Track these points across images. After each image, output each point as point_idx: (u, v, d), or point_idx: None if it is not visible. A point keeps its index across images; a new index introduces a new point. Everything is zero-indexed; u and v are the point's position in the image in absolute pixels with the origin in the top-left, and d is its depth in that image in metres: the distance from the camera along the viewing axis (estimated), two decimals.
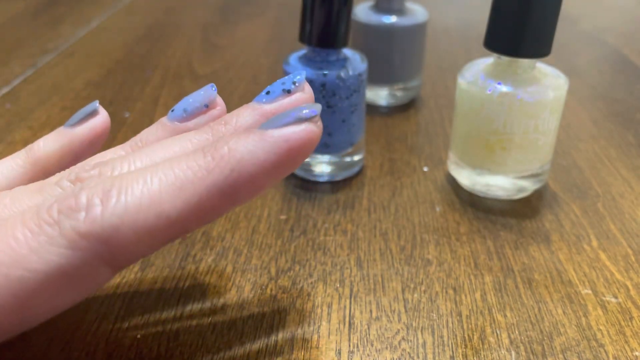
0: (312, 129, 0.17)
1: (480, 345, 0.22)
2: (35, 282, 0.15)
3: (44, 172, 0.22)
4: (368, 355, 0.21)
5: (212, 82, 0.25)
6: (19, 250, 0.15)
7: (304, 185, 0.32)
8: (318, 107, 0.17)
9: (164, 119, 0.21)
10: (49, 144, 0.22)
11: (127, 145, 0.21)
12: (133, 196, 0.15)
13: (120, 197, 0.15)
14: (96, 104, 0.23)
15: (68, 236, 0.15)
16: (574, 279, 0.25)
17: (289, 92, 0.19)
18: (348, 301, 0.24)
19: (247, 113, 0.19)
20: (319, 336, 0.22)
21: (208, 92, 0.22)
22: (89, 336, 0.22)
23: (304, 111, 0.17)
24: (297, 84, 0.20)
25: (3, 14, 0.62)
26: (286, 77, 0.20)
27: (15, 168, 0.21)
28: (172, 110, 0.21)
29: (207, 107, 0.21)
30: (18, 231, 0.15)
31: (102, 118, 0.23)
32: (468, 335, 0.22)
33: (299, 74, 0.20)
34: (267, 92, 0.20)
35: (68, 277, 0.15)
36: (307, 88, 0.20)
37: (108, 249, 0.15)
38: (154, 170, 0.16)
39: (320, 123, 0.17)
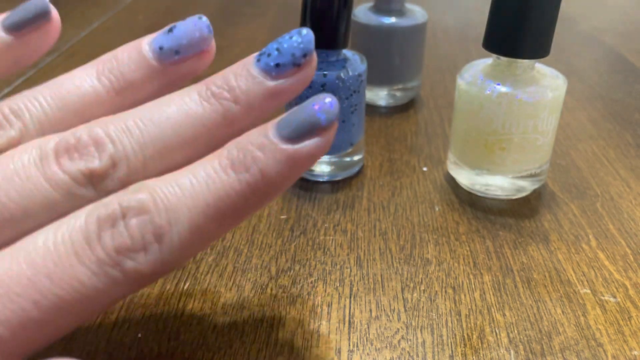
0: (330, 138, 0.17)
1: (480, 345, 0.22)
2: (90, 313, 0.15)
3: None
4: (368, 354, 0.21)
5: None
6: (85, 292, 0.15)
7: (304, 185, 0.32)
8: (336, 108, 0.17)
9: (146, 51, 0.19)
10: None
11: (102, 77, 0.19)
12: (182, 226, 0.16)
13: (172, 232, 0.16)
14: (45, 1, 0.20)
15: (132, 277, 0.15)
16: (572, 279, 0.25)
17: (299, 66, 0.18)
18: (348, 300, 0.24)
19: (257, 90, 0.18)
20: (318, 335, 0.22)
21: (202, 31, 0.19)
22: (89, 335, 0.22)
23: (323, 118, 0.17)
24: (307, 57, 0.18)
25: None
26: (294, 41, 0.18)
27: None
28: (161, 48, 0.19)
29: (202, 50, 0.19)
30: (80, 272, 0.15)
31: (54, 25, 0.20)
32: (467, 335, 0.22)
33: (308, 40, 0.18)
34: (277, 65, 0.18)
35: (117, 301, 0.16)
36: (314, 61, 0.18)
37: (158, 278, 0.16)
38: (193, 193, 0.16)
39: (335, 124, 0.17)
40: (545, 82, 0.28)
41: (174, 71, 0.19)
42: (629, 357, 0.21)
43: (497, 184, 0.30)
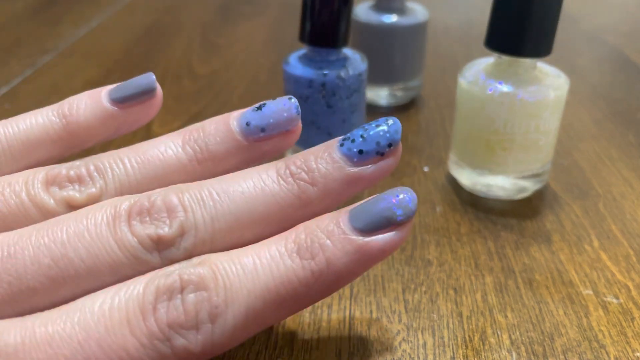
0: (405, 236, 0.17)
1: (481, 346, 0.22)
2: None
3: (77, 145, 0.20)
4: (368, 356, 0.21)
5: (211, 82, 0.25)
6: None
7: None
8: (415, 205, 0.17)
9: (233, 125, 0.19)
10: (88, 116, 0.20)
11: (187, 146, 0.19)
12: (239, 309, 0.15)
13: (228, 314, 0.15)
14: (152, 78, 0.20)
15: (180, 355, 0.15)
16: (575, 280, 0.25)
17: (382, 155, 0.18)
18: (348, 302, 0.24)
19: (337, 175, 0.18)
20: (318, 337, 0.22)
21: (291, 111, 0.19)
22: None
23: (400, 213, 0.16)
24: (392, 147, 0.18)
25: (2, 13, 0.62)
26: (381, 130, 0.18)
27: (48, 132, 0.20)
28: (247, 125, 0.19)
29: (288, 130, 0.19)
30: (129, 343, 0.15)
31: (157, 101, 0.21)
32: (469, 336, 0.22)
33: (395, 129, 0.18)
34: (360, 152, 0.18)
35: None
36: (399, 151, 0.18)
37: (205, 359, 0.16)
38: (255, 276, 0.16)
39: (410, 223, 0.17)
40: (547, 82, 0.28)
41: (257, 147, 0.19)
42: (632, 359, 0.21)
43: (499, 184, 0.30)
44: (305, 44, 0.30)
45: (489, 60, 0.30)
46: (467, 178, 0.31)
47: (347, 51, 0.31)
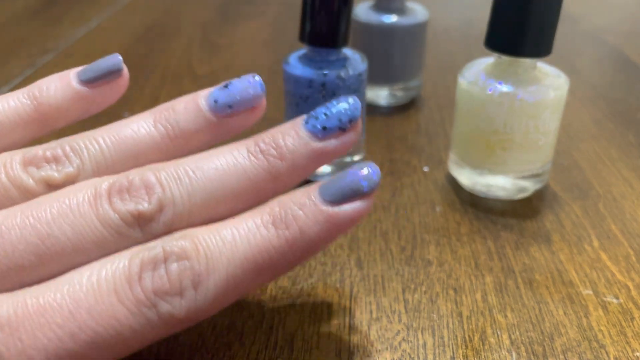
0: (370, 205, 0.18)
1: (481, 346, 0.22)
2: (121, 352, 0.16)
3: (50, 125, 0.21)
4: (368, 356, 0.21)
5: (212, 82, 0.25)
6: (121, 330, 0.15)
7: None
8: (379, 177, 0.18)
9: (202, 103, 0.20)
10: (58, 97, 0.21)
11: (159, 124, 0.20)
12: (220, 276, 0.16)
13: (209, 281, 0.16)
14: (119, 58, 0.22)
15: (166, 320, 0.16)
16: (575, 280, 0.25)
17: (344, 130, 0.19)
18: (348, 302, 0.24)
19: (303, 150, 0.19)
20: (318, 337, 0.22)
21: (256, 88, 0.21)
22: None
23: (365, 185, 0.18)
24: (352, 122, 0.19)
25: (2, 13, 0.62)
26: (342, 107, 0.19)
27: (20, 114, 0.21)
28: (215, 102, 0.20)
29: (254, 107, 0.21)
30: (118, 310, 0.15)
31: (124, 81, 0.22)
32: (469, 336, 0.22)
33: (355, 107, 0.19)
34: (324, 128, 0.19)
35: (149, 342, 0.17)
36: (359, 127, 0.20)
37: (189, 325, 0.17)
38: (234, 246, 0.17)
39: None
40: (547, 82, 0.28)
41: (226, 124, 0.21)
42: (632, 359, 0.21)
43: (499, 184, 0.30)
44: (305, 44, 0.30)
45: (489, 60, 0.30)
46: (467, 178, 0.31)
47: (347, 51, 0.31)
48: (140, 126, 0.20)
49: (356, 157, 0.32)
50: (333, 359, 0.21)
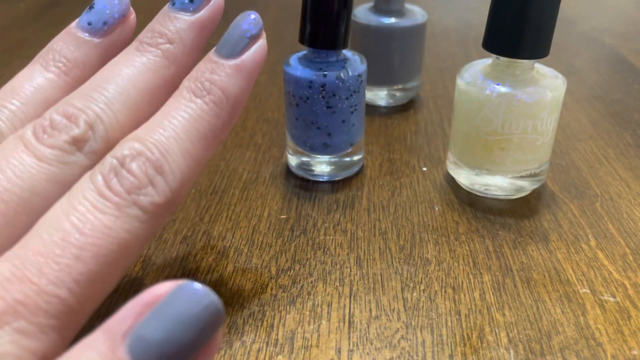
0: (264, 43, 0.20)
1: (479, 344, 0.22)
2: (128, 257, 0.16)
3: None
4: (367, 353, 0.22)
5: None
6: (116, 235, 0.16)
7: (304, 185, 0.32)
8: (259, 19, 0.20)
9: (77, 31, 0.21)
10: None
11: (50, 67, 0.21)
12: (176, 155, 0.18)
13: (169, 163, 0.17)
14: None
15: (150, 210, 0.17)
16: (572, 278, 0.25)
17: None
18: (348, 300, 0.24)
19: (184, 25, 0.21)
20: (318, 335, 0.22)
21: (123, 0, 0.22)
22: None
23: (252, 28, 0.20)
24: None
25: (5, 15, 0.62)
26: None
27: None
28: (89, 24, 0.21)
29: (125, 16, 0.22)
30: (104, 219, 0.16)
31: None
32: (467, 334, 0.22)
33: None
34: (191, 1, 0.21)
35: (147, 241, 0.17)
36: None
37: (173, 208, 0.18)
38: (173, 127, 0.18)
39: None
40: (545, 82, 0.28)
41: (107, 41, 0.22)
42: (628, 357, 0.22)
43: (497, 184, 0.30)
44: (305, 45, 0.30)
45: (487, 61, 0.30)
46: (465, 178, 0.31)
47: (347, 52, 0.31)
48: (34, 77, 0.21)
49: (356, 157, 0.33)
50: (333, 356, 0.21)
